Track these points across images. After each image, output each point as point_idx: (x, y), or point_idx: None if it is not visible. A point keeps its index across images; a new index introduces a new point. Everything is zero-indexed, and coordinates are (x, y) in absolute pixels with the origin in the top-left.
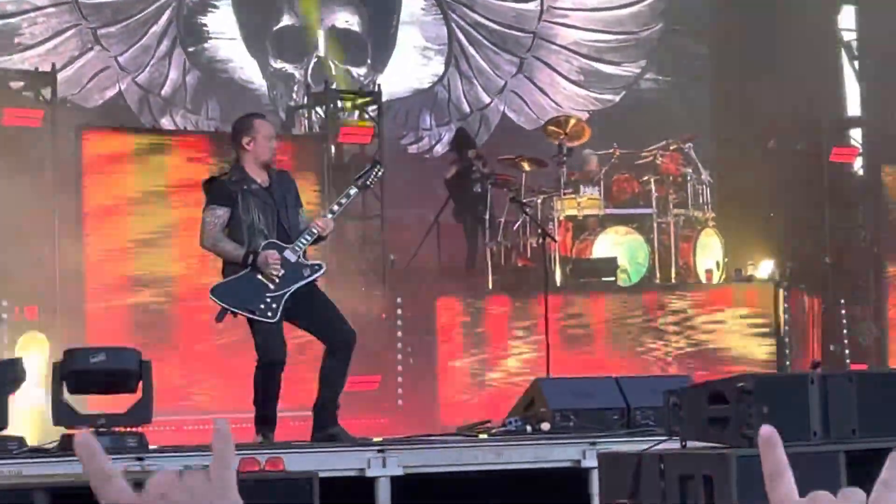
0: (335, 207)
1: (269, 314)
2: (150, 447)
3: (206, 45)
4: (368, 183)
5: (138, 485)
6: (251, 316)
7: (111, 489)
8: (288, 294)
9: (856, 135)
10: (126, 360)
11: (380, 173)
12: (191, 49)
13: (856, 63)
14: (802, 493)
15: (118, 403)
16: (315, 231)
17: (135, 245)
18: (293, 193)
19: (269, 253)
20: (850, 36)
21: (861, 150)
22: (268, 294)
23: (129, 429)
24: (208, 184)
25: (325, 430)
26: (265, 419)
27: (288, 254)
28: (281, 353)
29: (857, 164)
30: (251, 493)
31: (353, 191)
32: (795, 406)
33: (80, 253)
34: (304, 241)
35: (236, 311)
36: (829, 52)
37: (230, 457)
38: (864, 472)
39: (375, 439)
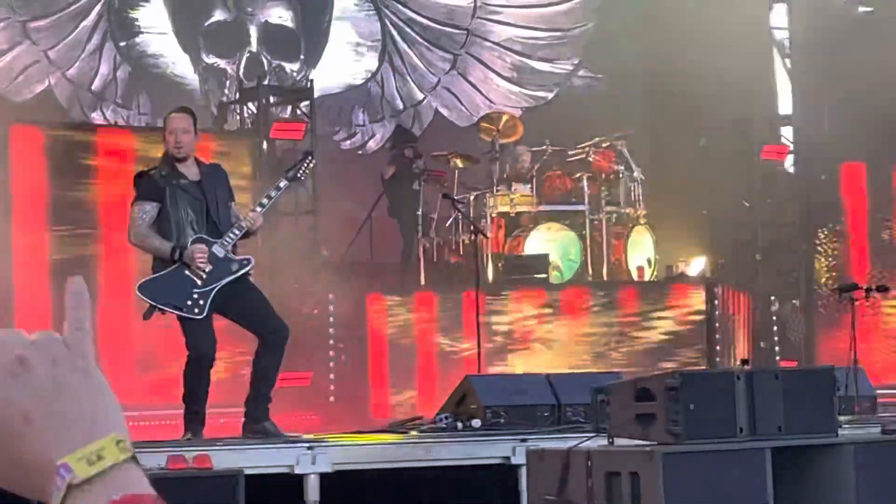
0: (264, 200)
1: (196, 311)
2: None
3: (137, 39)
4: (299, 175)
5: None
6: (178, 313)
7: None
8: (216, 290)
9: (787, 133)
10: None
11: (311, 165)
12: (122, 44)
13: (787, 61)
14: (728, 491)
15: None
16: (244, 226)
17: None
18: (224, 187)
19: (197, 248)
20: (781, 34)
21: (792, 148)
22: (195, 290)
23: None
24: (138, 178)
25: (257, 423)
26: (195, 416)
27: (216, 249)
28: (210, 349)
29: (788, 162)
30: (177, 490)
31: (283, 183)
32: (722, 403)
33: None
34: (233, 236)
35: (164, 308)
36: (761, 50)
37: (85, 317)
38: (789, 468)
39: (306, 436)
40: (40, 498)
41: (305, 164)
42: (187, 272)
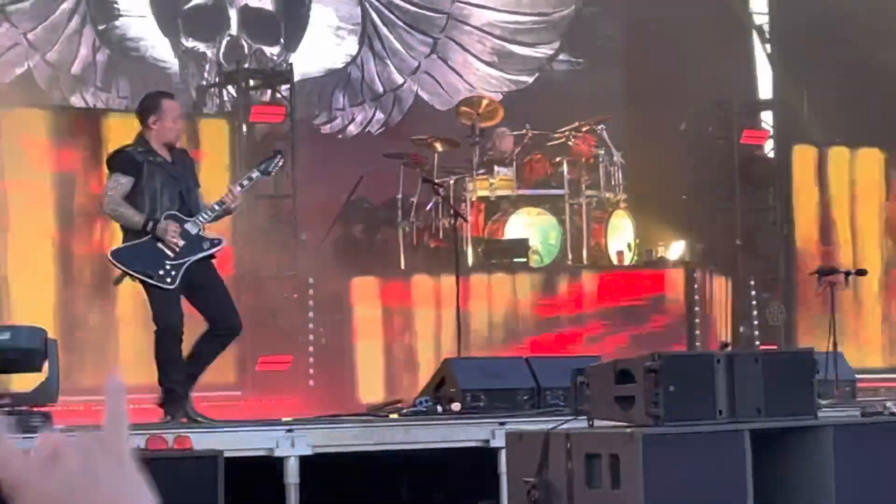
0: (245, 182)
1: (168, 280)
2: (57, 427)
3: (116, 23)
4: (270, 170)
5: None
6: (149, 281)
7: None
8: (188, 263)
9: (766, 117)
10: (31, 338)
11: (280, 164)
12: (101, 27)
13: (767, 46)
14: (707, 473)
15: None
16: (225, 201)
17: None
18: (192, 173)
19: (170, 222)
20: (761, 19)
21: (772, 133)
22: (167, 262)
23: (34, 408)
24: (116, 154)
25: (180, 402)
26: (171, 395)
27: (189, 226)
28: (178, 321)
29: (768, 147)
30: (157, 471)
31: (255, 174)
32: (702, 385)
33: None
34: (207, 215)
35: (135, 274)
36: (741, 35)
37: (123, 412)
38: (768, 451)
39: (284, 419)
40: None
41: (275, 162)
42: (160, 245)
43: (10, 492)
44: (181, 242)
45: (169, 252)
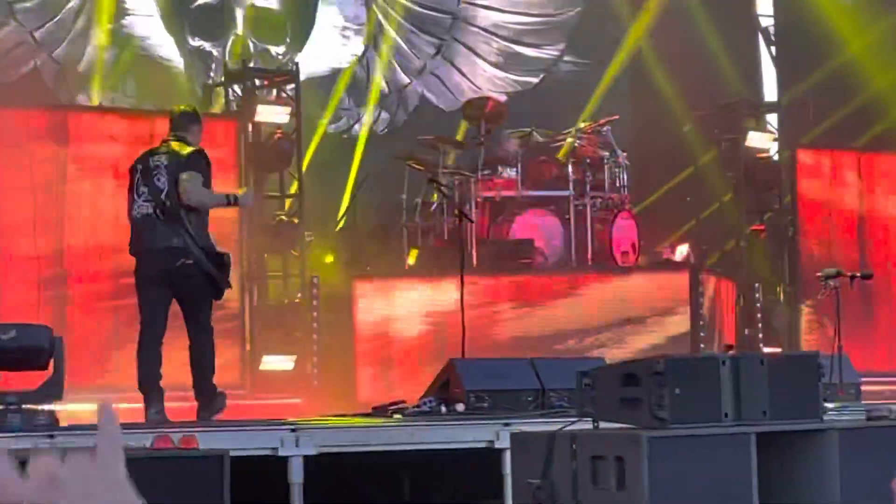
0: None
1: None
2: (62, 425)
3: (123, 21)
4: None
5: (24, 463)
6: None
7: None
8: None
9: (772, 119)
10: (37, 336)
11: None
12: (108, 26)
13: (772, 48)
14: (712, 476)
15: (30, 381)
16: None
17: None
18: None
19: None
20: (767, 21)
21: (777, 135)
22: None
23: (39, 406)
24: (199, 153)
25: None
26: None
27: None
28: None
29: (773, 149)
30: (163, 470)
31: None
32: (707, 388)
33: None
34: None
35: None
36: (747, 37)
37: (119, 440)
38: (774, 453)
39: (289, 419)
40: None
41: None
42: None
43: None
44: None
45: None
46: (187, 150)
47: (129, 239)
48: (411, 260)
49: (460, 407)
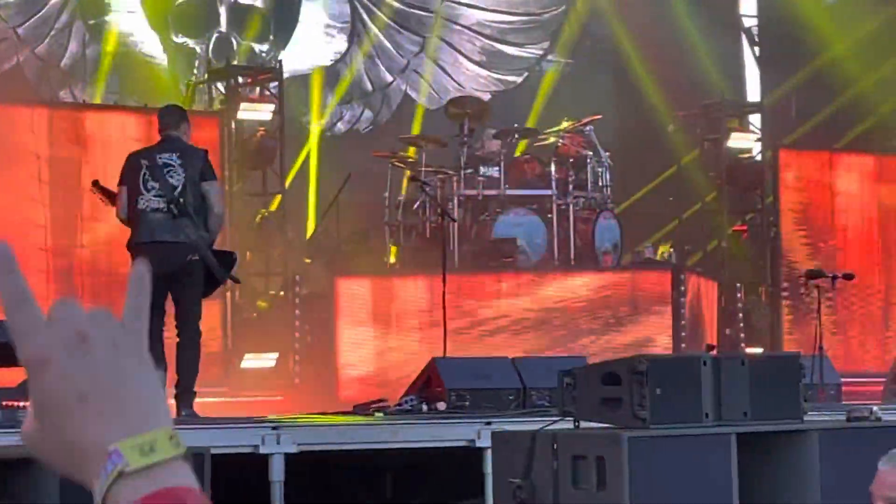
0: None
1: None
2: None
3: (106, 17)
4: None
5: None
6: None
7: (22, 314)
8: None
9: (755, 120)
10: None
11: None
12: (91, 21)
13: (756, 49)
14: (693, 476)
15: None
16: None
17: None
18: None
19: None
20: (750, 22)
21: (759, 136)
22: None
23: (21, 403)
24: (207, 155)
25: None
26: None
27: None
28: None
29: (755, 149)
30: None
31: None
32: (688, 388)
33: None
34: None
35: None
36: (730, 38)
37: (145, 305)
38: (754, 454)
39: (270, 416)
40: (78, 477)
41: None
42: None
43: (27, 363)
44: None
45: None
46: (198, 151)
47: (132, 232)
48: (392, 258)
49: (442, 406)
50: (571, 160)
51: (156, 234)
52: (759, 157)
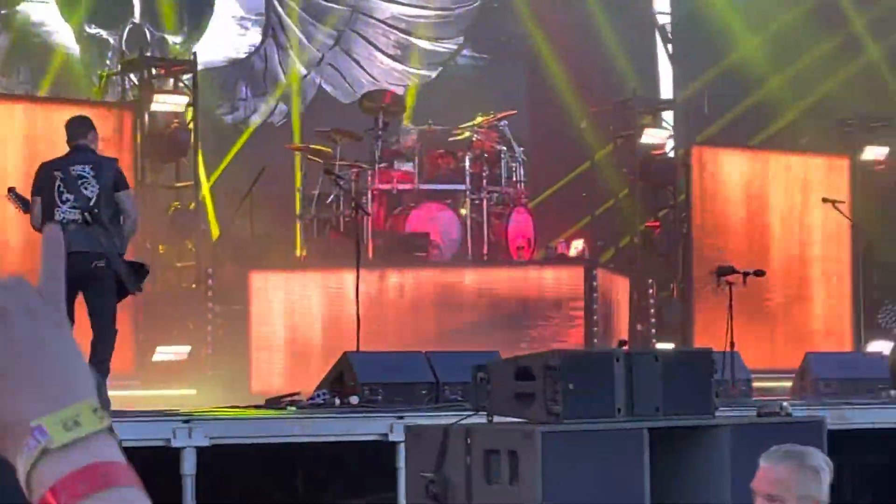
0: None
1: None
2: None
3: (18, 7)
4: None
5: None
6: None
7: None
8: None
9: (667, 117)
10: None
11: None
12: (3, 11)
13: (669, 46)
14: (605, 470)
15: None
16: None
17: None
18: None
19: None
20: (664, 19)
21: (672, 132)
22: None
23: None
24: (118, 164)
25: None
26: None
27: None
28: None
29: (668, 146)
30: None
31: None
32: (601, 383)
33: None
34: None
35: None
36: (644, 35)
37: (60, 266)
38: (666, 449)
39: (182, 410)
40: (3, 455)
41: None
42: None
43: None
44: None
45: None
46: (110, 161)
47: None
48: (298, 251)
49: (354, 400)
50: (486, 155)
51: (72, 245)
52: (671, 154)
